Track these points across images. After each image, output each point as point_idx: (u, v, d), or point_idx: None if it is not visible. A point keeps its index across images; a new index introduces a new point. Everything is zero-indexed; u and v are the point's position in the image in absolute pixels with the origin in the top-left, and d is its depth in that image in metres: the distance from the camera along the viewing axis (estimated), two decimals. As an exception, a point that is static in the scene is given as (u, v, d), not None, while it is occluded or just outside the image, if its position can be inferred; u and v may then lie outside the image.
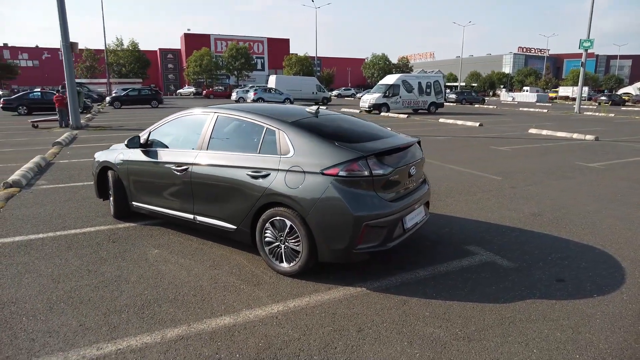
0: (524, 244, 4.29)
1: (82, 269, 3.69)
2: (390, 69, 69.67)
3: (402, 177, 3.52)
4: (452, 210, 5.47)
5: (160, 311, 3.01)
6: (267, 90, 36.32)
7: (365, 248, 3.23)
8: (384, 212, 3.24)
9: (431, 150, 10.63)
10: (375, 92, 25.48)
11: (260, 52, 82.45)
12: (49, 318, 2.92)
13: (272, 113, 3.83)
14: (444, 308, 3.05)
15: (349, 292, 3.29)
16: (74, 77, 15.54)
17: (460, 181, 7.15)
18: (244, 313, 2.98)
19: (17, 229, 4.67)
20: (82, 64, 58.70)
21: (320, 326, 2.82)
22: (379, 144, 3.50)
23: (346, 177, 3.18)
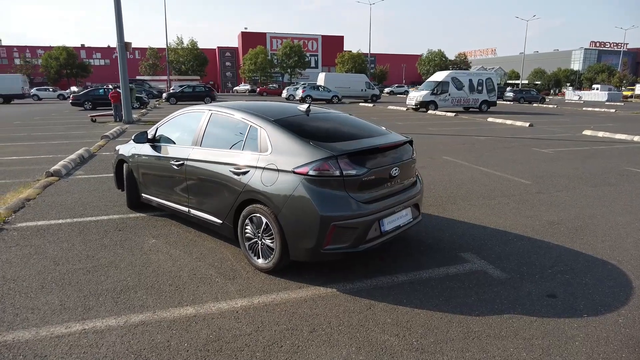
0: (526, 255, 3.99)
1: (82, 253, 3.98)
2: (446, 65, 67.32)
3: (381, 178, 3.42)
4: (462, 214, 5.21)
5: (134, 297, 3.18)
6: (315, 87, 36.61)
7: (334, 248, 3.18)
8: (355, 213, 3.17)
9: (465, 151, 10.17)
10: (423, 89, 24.75)
11: (315, 49, 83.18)
12: (38, 296, 3.19)
13: (260, 111, 3.87)
14: (409, 316, 2.93)
15: (318, 292, 3.26)
16: (127, 74, 16.64)
17: (483, 184, 6.78)
18: (209, 305, 3.07)
19: (42, 214, 5.13)
20: (146, 61, 62.75)
21: (276, 324, 2.83)
22: (356, 144, 3.42)
23: (315, 176, 3.15)
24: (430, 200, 5.85)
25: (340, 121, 4.09)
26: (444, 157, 9.34)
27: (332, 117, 4.18)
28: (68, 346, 2.59)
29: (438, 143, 11.51)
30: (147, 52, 64.02)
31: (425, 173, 7.57)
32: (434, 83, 24.12)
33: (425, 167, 8.18)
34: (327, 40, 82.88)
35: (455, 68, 65.16)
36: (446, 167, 8.20)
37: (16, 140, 11.88)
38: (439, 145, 11.03)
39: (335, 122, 4.05)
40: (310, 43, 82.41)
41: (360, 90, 38.46)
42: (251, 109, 3.93)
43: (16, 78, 35.71)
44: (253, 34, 79.42)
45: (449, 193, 6.23)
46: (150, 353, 2.52)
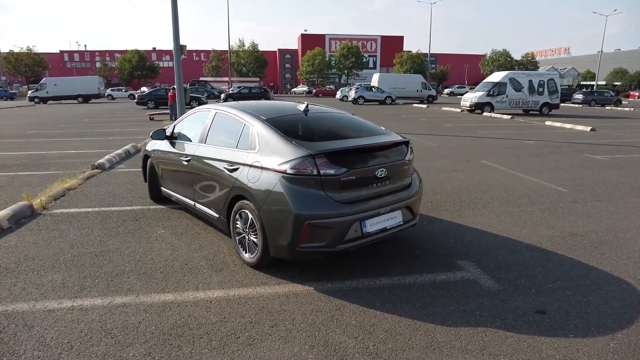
0: (530, 266, 3.72)
1: (96, 239, 4.34)
2: (511, 66, 63.61)
3: (364, 178, 3.36)
4: (476, 220, 4.95)
5: (126, 281, 3.42)
6: (368, 88, 36.36)
7: (309, 247, 3.19)
8: (331, 213, 3.15)
9: (507, 155, 9.59)
10: (479, 90, 23.61)
11: (373, 50, 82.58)
12: (46, 274, 3.54)
13: (256, 110, 3.97)
14: (376, 320, 2.87)
15: (295, 289, 3.29)
16: (182, 75, 17.63)
17: (513, 190, 6.37)
18: (187, 293, 3.22)
19: (76, 203, 5.65)
20: (209, 63, 66.04)
21: (242, 316, 2.91)
22: (338, 144, 3.40)
23: (293, 174, 3.18)
24: (448, 204, 5.62)
25: (335, 121, 4.08)
26: (482, 161, 8.88)
27: (329, 117, 4.18)
28: (54, 319, 2.86)
29: (482, 146, 10.96)
30: (211, 54, 67.42)
31: (455, 177, 7.28)
32: (491, 84, 22.92)
33: (458, 170, 7.86)
34: (387, 40, 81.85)
35: (521, 68, 61.34)
36: (480, 171, 7.80)
37: (80, 136, 13.12)
38: (482, 149, 10.51)
39: (329, 121, 4.05)
40: (369, 44, 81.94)
41: (416, 91, 37.56)
42: (249, 108, 4.04)
43: (93, 80, 39.37)
44: (312, 36, 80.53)
45: (471, 198, 5.94)
46: (120, 332, 2.71)
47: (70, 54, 76.11)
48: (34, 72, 57.14)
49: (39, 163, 8.57)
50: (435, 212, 5.31)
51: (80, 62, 74.94)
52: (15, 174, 7.53)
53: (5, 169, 7.91)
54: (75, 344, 2.59)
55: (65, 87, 37.29)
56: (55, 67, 70.56)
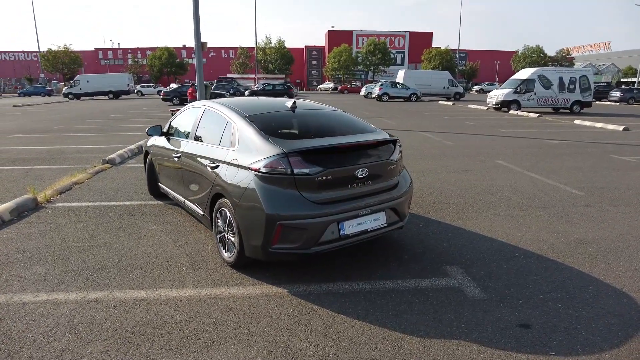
0: (524, 275, 3.48)
1: (88, 233, 4.40)
2: (544, 62, 61.18)
3: (342, 178, 3.23)
4: (477, 224, 4.71)
5: (105, 276, 3.43)
6: (393, 85, 35.84)
7: (282, 248, 3.09)
8: (304, 213, 3.04)
9: (526, 155, 9.17)
10: (506, 87, 22.77)
11: (401, 46, 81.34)
12: (32, 267, 3.61)
13: (241, 107, 3.90)
14: (344, 327, 2.74)
15: (269, 291, 3.21)
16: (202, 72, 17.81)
17: (523, 192, 6.05)
18: (160, 291, 3.19)
19: (80, 197, 5.78)
20: (237, 60, 66.83)
21: (207, 317, 2.85)
22: (317, 142, 3.28)
23: (266, 173, 3.09)
24: (451, 206, 5.39)
25: (322, 118, 3.96)
26: (497, 161, 8.52)
27: (317, 115, 4.06)
28: (25, 313, 2.89)
29: (500, 146, 10.53)
30: (238, 51, 68.22)
31: (465, 177, 7.00)
32: (518, 81, 22.04)
33: (469, 170, 7.56)
34: (415, 36, 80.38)
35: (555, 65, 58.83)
36: (492, 172, 7.47)
37: (101, 131, 13.52)
38: (500, 148, 10.09)
39: (315, 119, 3.93)
40: (397, 40, 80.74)
41: (442, 88, 36.71)
42: (234, 105, 3.98)
43: (122, 76, 40.64)
44: (339, 32, 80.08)
45: (477, 200, 5.68)
46: (84, 328, 2.70)
47: (105, 51, 78.82)
48: (70, 69, 59.55)
49: (56, 157, 8.86)
50: (435, 213, 5.10)
51: (113, 60, 77.49)
52: (31, 167, 7.80)
53: (23, 163, 8.22)
54: (39, 338, 2.60)
55: (97, 83, 38.67)
56: (90, 65, 73.30)
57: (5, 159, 8.59)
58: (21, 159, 8.65)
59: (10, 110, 24.87)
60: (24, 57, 73.34)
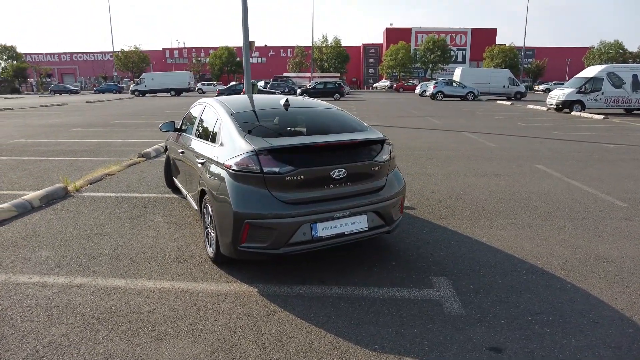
0: (519, 292, 3.16)
1: (98, 222, 4.67)
2: (624, 59, 55.62)
3: (316, 178, 3.12)
4: (487, 233, 4.37)
5: (96, 263, 3.62)
6: (449, 83, 34.53)
7: (250, 247, 3.06)
8: (273, 212, 2.99)
9: (573, 160, 8.37)
10: (569, 86, 20.99)
11: (463, 43, 78.09)
12: (39, 250, 3.90)
13: (232, 104, 3.93)
14: (299, 332, 2.66)
15: (239, 289, 3.20)
16: (250, 71, 18.28)
17: (554, 201, 5.52)
18: (139, 281, 3.30)
19: (106, 187, 6.16)
20: (293, 59, 67.94)
21: (170, 310, 2.90)
22: (289, 141, 3.20)
23: (237, 171, 3.08)
24: (465, 212, 5.05)
25: (313, 116, 3.87)
26: (537, 165, 7.86)
27: (308, 113, 3.98)
28: (15, 292, 3.13)
29: (547, 149, 9.71)
30: (295, 50, 69.35)
31: (493, 182, 6.54)
32: (583, 79, 20.18)
33: (502, 175, 7.05)
34: (478, 33, 76.71)
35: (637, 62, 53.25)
36: (527, 177, 6.91)
37: (151, 126, 14.34)
38: (545, 152, 9.31)
39: (305, 117, 3.85)
40: (458, 37, 77.59)
41: (502, 87, 34.72)
42: (228, 102, 4.02)
43: (184, 75, 42.93)
44: (398, 30, 78.55)
45: (497, 207, 5.27)
46: (57, 311, 2.87)
47: (171, 51, 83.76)
48: (139, 68, 64.09)
49: (102, 150, 9.55)
50: (445, 219, 4.81)
51: (179, 59, 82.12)
52: (77, 159, 8.47)
53: (71, 154, 8.95)
54: (15, 317, 2.80)
55: (160, 81, 41.22)
56: (158, 63, 78.29)
57: (58, 151, 9.40)
58: (71, 150, 9.43)
59: (82, 106, 27.26)
60: (102, 57, 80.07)
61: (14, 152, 9.17)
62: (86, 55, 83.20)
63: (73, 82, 68.01)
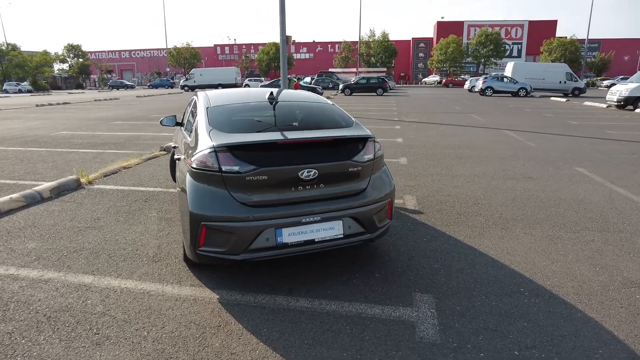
0: (513, 319, 2.71)
1: (95, 215, 4.69)
2: None
3: (282, 179, 2.84)
4: (497, 244, 3.87)
5: (74, 258, 3.59)
6: (499, 78, 32.65)
7: (208, 251, 2.84)
8: (231, 215, 2.75)
9: (622, 163, 7.43)
10: (634, 81, 19.00)
11: (519, 37, 73.84)
12: (27, 242, 3.95)
13: (215, 97, 3.75)
14: (242, 348, 2.42)
15: (201, 294, 3.00)
16: (286, 65, 18.23)
17: (588, 209, 4.84)
18: (105, 279, 3.21)
19: (118, 180, 6.25)
20: (339, 54, 67.47)
21: (123, 312, 2.76)
22: (251, 137, 2.93)
23: (195, 169, 2.87)
24: (479, 219, 4.55)
25: (295, 111, 3.58)
26: (577, 168, 7.05)
27: (291, 107, 3.70)
28: (-14, 284, 3.14)
29: (594, 150, 8.73)
30: (342, 45, 68.89)
31: (521, 186, 5.91)
32: (652, 73, 18.20)
33: (533, 178, 6.38)
34: (536, 26, 72.08)
35: None
36: (562, 180, 6.18)
37: (186, 120, 14.67)
38: (591, 153, 8.36)
39: (288, 111, 3.58)
40: (514, 30, 73.43)
41: (558, 83, 32.24)
42: (212, 95, 3.85)
43: (231, 71, 43.98)
44: (449, 23, 75.64)
45: (516, 214, 4.71)
46: (15, 306, 2.83)
47: (222, 47, 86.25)
48: (191, 64, 66.50)
49: (130, 143, 9.82)
50: (453, 227, 4.35)
51: (229, 55, 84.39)
52: (103, 151, 8.76)
53: (100, 147, 9.27)
54: (-27, 310, 2.78)
55: (208, 77, 42.54)
56: (210, 59, 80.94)
57: (90, 143, 9.79)
58: (102, 143, 9.79)
59: (131, 100, 28.65)
60: (157, 53, 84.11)
61: (50, 144, 9.66)
62: (143, 52, 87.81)
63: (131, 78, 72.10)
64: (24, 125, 13.74)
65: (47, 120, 15.16)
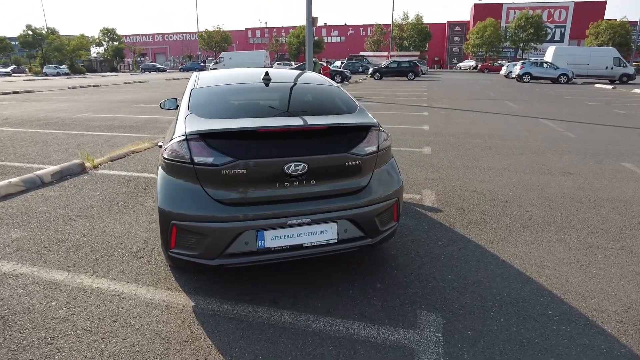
0: (537, 354, 2.22)
1: (89, 203, 4.47)
2: None
3: (265, 174, 2.43)
4: (524, 252, 3.35)
5: (55, 251, 3.35)
6: (538, 64, 30.72)
7: (181, 254, 2.48)
8: (203, 214, 2.38)
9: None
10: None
11: (562, 20, 69.65)
12: (13, 230, 3.76)
13: (206, 77, 3.37)
14: None
15: (176, 300, 2.67)
16: (312, 48, 17.69)
17: (636, 214, 4.19)
18: (78, 277, 2.94)
19: (123, 166, 6.04)
20: (371, 38, 65.81)
21: (86, 318, 2.47)
22: (231, 123, 2.52)
23: (166, 159, 2.51)
24: (505, 221, 4.01)
25: (290, 94, 3.14)
26: (624, 163, 6.27)
27: (286, 89, 3.25)
28: (-45, 278, 2.93)
29: (646, 144, 7.84)
30: (374, 28, 67.11)
31: (556, 182, 5.27)
32: None
33: (572, 173, 5.70)
34: (581, 7, 67.61)
35: None
36: (606, 177, 5.48)
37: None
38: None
39: (281, 94, 3.15)
40: (557, 12, 69.26)
41: (604, 68, 30.03)
42: (201, 76, 3.49)
43: (259, 54, 43.59)
44: (487, 6, 72.17)
45: (550, 216, 4.12)
46: (-25, 306, 2.59)
47: (253, 30, 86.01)
48: (221, 47, 66.65)
49: (146, 126, 9.67)
50: (475, 228, 3.84)
51: (260, 38, 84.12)
52: (117, 134, 8.63)
53: (117, 130, 9.16)
54: None
55: (237, 60, 42.34)
56: (241, 43, 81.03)
57: (108, 126, 9.71)
58: (119, 126, 9.68)
59: (159, 84, 28.86)
60: (189, 37, 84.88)
61: (69, 126, 9.65)
62: (176, 35, 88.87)
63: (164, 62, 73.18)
64: (52, 107, 13.94)
65: (74, 103, 15.35)
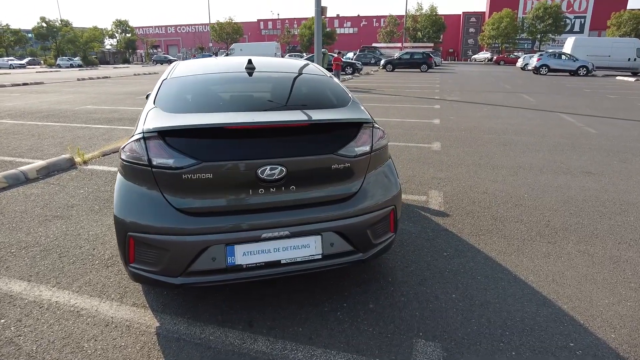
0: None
1: (70, 203, 4.19)
2: None
3: (235, 178, 2.08)
4: (540, 265, 2.95)
5: (21, 257, 3.08)
6: (556, 55, 29.67)
7: (140, 269, 2.15)
8: (163, 226, 2.04)
9: None
10: None
11: (582, 10, 67.43)
12: (-16, 232, 3.49)
13: (182, 68, 3.02)
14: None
15: (138, 319, 2.36)
16: (321, 38, 17.20)
17: (667, 223, 3.75)
18: (38, 288, 2.66)
19: (112, 162, 5.77)
20: (384, 29, 64.71)
21: (32, 341, 2.16)
22: (196, 118, 2.17)
23: (123, 161, 2.18)
24: (519, 228, 3.60)
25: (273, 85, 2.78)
26: (652, 163, 5.77)
27: (270, 79, 2.89)
28: None
29: (674, 141, 7.28)
30: (387, 19, 65.94)
31: (577, 183, 4.82)
32: None
33: (593, 173, 5.23)
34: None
35: None
36: (632, 179, 5.00)
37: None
38: (671, 145, 6.94)
39: (265, 85, 2.80)
40: (576, 2, 67.01)
41: (627, 60, 28.91)
42: (178, 65, 3.14)
43: (270, 45, 43.11)
44: (505, -5, 70.26)
45: (570, 223, 3.70)
46: None
47: (265, 22, 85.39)
48: (233, 39, 66.24)
49: (147, 118, 9.40)
50: (485, 236, 3.45)
51: (272, 30, 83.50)
52: (115, 127, 8.38)
53: (114, 122, 8.92)
54: None
55: (248, 52, 41.92)
56: (253, 34, 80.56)
57: (107, 119, 9.48)
58: (118, 119, 9.45)
59: (170, 75, 28.66)
60: (201, 29, 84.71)
61: (69, 119, 9.44)
62: (188, 27, 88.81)
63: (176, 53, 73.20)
64: (57, 98, 13.80)
65: (79, 94, 15.21)
